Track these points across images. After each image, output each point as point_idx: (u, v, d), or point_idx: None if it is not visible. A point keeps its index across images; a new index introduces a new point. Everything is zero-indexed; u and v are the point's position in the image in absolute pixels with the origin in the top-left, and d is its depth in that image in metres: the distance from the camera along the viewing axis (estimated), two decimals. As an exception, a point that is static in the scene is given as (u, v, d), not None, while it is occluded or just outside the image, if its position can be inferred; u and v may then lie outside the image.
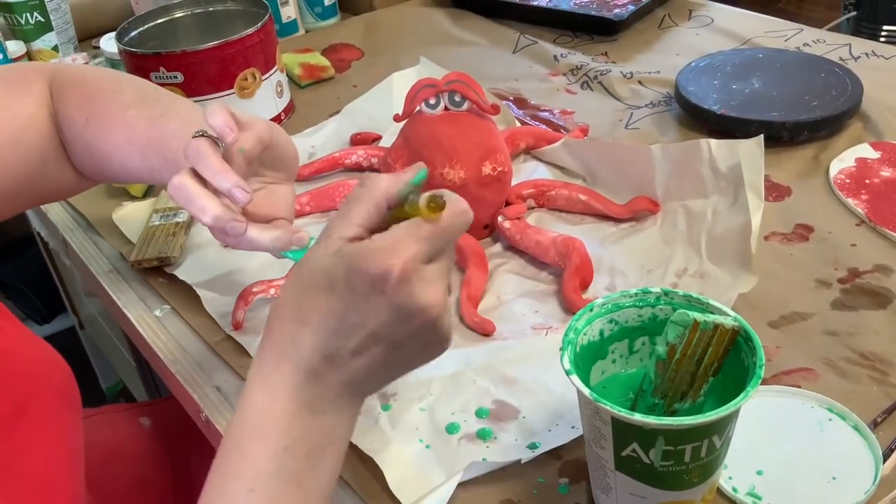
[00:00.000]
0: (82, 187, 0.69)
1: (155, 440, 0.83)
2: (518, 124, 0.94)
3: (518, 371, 0.62)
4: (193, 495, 0.80)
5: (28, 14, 1.22)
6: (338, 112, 1.01)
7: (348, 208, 0.42)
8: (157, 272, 0.78)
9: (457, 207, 0.42)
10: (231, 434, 0.44)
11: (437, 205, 0.40)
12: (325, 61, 1.15)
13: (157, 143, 0.60)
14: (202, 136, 0.53)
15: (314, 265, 0.42)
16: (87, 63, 1.17)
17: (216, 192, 0.52)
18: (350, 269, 0.40)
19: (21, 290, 1.78)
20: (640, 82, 1.04)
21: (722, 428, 0.45)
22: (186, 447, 0.82)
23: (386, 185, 0.42)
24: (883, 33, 1.94)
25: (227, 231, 0.52)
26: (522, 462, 0.56)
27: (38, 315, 1.79)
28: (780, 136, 0.86)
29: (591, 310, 0.50)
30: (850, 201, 0.77)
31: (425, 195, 0.41)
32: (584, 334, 0.50)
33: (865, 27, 1.96)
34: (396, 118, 0.77)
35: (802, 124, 0.85)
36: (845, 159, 0.83)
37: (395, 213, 0.42)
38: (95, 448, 0.74)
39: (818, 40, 1.09)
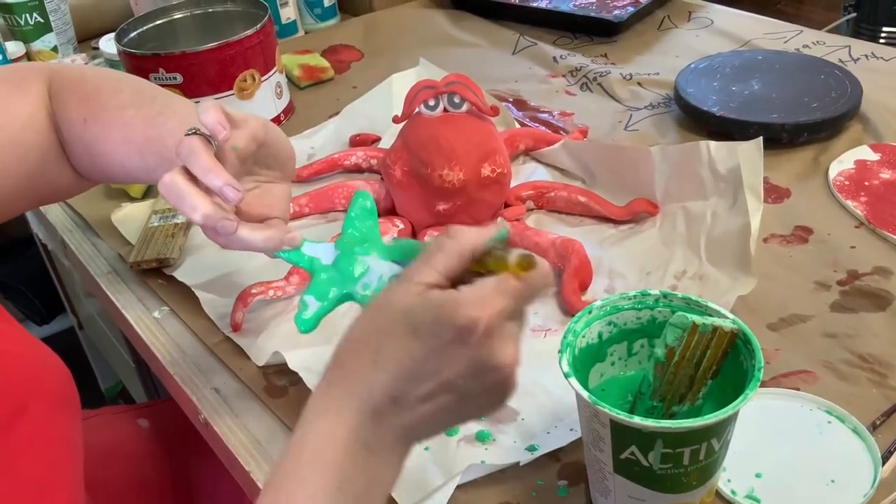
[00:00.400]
0: (81, 188, 0.68)
1: (154, 442, 0.83)
2: (517, 126, 0.94)
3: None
4: (192, 497, 0.81)
5: (27, 15, 1.22)
6: (337, 113, 1.01)
7: (432, 255, 0.42)
8: (155, 273, 0.78)
9: (543, 269, 0.42)
10: (291, 453, 0.43)
11: (529, 263, 0.41)
12: (324, 62, 1.15)
13: (155, 142, 0.60)
14: (195, 133, 0.53)
15: (397, 306, 0.41)
16: (86, 63, 1.17)
17: (208, 191, 0.52)
18: (437, 317, 0.40)
19: (20, 291, 1.78)
20: (639, 84, 1.04)
21: (721, 431, 0.45)
22: (185, 449, 0.82)
23: (473, 238, 0.42)
24: (882, 35, 1.94)
25: (218, 230, 0.52)
26: (521, 464, 0.56)
27: (38, 316, 1.79)
28: (779, 138, 0.86)
29: (590, 312, 0.50)
30: (850, 203, 0.77)
31: (516, 253, 0.41)
32: (583, 337, 0.50)
33: (865, 28, 1.96)
34: (396, 119, 0.77)
35: (802, 126, 0.85)
36: (845, 161, 0.83)
37: (473, 266, 0.42)
38: (94, 449, 0.73)
39: (818, 42, 1.09)
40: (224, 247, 0.55)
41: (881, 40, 1.93)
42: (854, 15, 1.98)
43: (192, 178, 0.52)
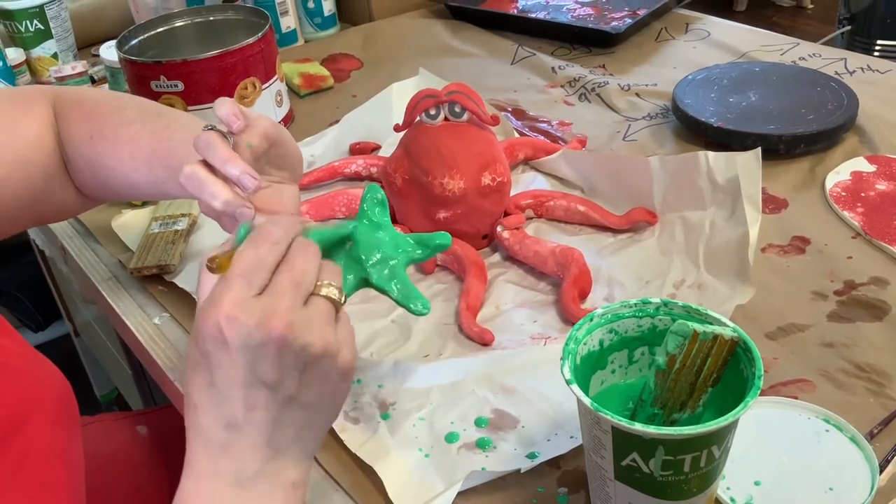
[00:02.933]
0: (83, 207, 0.70)
1: (152, 448, 0.83)
2: (517, 135, 0.95)
3: (517, 380, 0.63)
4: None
5: (28, 21, 1.22)
6: (337, 122, 1.01)
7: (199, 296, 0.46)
8: (156, 280, 0.78)
9: (264, 237, 0.44)
10: None
11: (217, 265, 0.43)
12: (324, 71, 1.15)
13: (163, 154, 0.61)
14: (211, 129, 0.54)
15: (188, 355, 0.44)
16: (86, 70, 1.17)
17: (226, 181, 0.53)
18: (195, 341, 0.43)
19: (16, 297, 1.78)
20: (637, 94, 1.05)
21: (722, 438, 0.45)
22: (183, 456, 0.82)
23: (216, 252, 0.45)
24: (877, 48, 1.96)
25: (237, 216, 0.53)
26: (521, 472, 0.56)
27: (33, 322, 1.78)
28: (776, 149, 0.86)
29: (591, 320, 0.51)
30: (846, 214, 0.78)
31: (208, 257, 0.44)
32: (584, 344, 0.50)
33: (859, 42, 1.98)
34: (397, 128, 0.78)
35: (799, 137, 0.86)
36: (841, 172, 0.84)
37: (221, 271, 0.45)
38: (92, 456, 0.73)
39: (814, 54, 1.10)
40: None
41: (875, 53, 1.95)
42: (849, 28, 2.00)
43: (211, 170, 0.53)
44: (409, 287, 0.54)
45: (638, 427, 0.43)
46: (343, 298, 0.46)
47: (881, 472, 0.53)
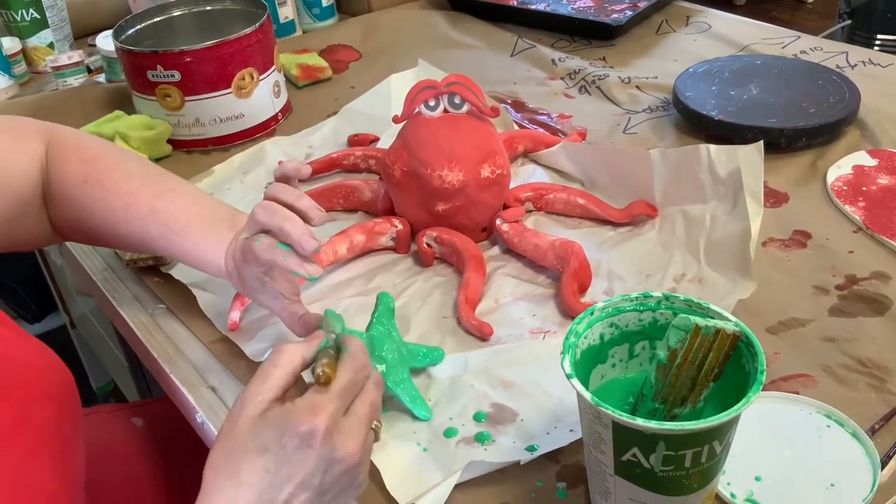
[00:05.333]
0: (52, 241, 0.72)
1: (148, 440, 0.82)
2: (516, 127, 0.94)
3: (516, 374, 0.62)
4: (186, 496, 0.80)
5: (24, 11, 1.21)
6: (335, 113, 1.01)
7: (268, 373, 0.47)
8: (152, 271, 0.77)
9: (356, 364, 0.48)
10: None
11: (326, 378, 0.47)
12: (322, 62, 1.15)
13: (162, 214, 0.64)
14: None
15: (244, 429, 0.46)
16: (82, 60, 1.16)
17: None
18: (280, 432, 0.46)
19: (12, 289, 1.77)
20: (638, 87, 1.04)
21: (723, 433, 0.45)
22: (179, 448, 0.82)
23: (301, 353, 0.49)
24: (877, 42, 1.95)
25: (302, 243, 0.55)
26: (521, 464, 0.55)
27: (29, 314, 1.77)
28: (777, 143, 0.86)
29: (592, 314, 0.50)
30: (848, 208, 0.77)
31: (316, 370, 0.47)
32: (585, 338, 0.50)
33: (859, 36, 1.97)
34: (396, 119, 0.77)
35: (800, 131, 0.85)
36: (843, 166, 0.84)
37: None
38: (88, 448, 0.73)
39: (815, 48, 1.10)
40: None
41: (875, 47, 1.94)
42: (849, 22, 1.99)
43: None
44: (415, 393, 0.60)
45: (639, 422, 0.43)
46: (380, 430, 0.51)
47: (883, 468, 0.53)
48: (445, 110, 0.74)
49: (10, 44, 1.20)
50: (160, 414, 0.86)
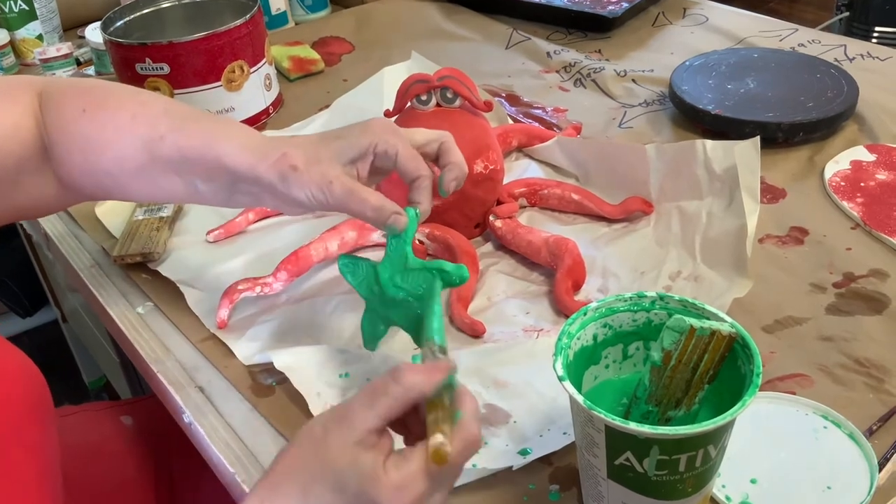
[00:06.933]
0: (64, 202, 0.66)
1: (137, 439, 0.81)
2: (510, 121, 0.93)
3: (509, 374, 0.61)
4: (174, 495, 0.79)
5: (12, 2, 1.20)
6: (327, 106, 0.99)
7: (376, 398, 0.43)
8: (140, 268, 0.76)
9: (468, 438, 0.43)
10: None
11: (442, 456, 0.41)
12: (314, 55, 1.13)
13: (178, 109, 0.60)
14: None
15: (333, 452, 0.43)
16: (71, 52, 1.15)
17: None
18: (362, 488, 0.42)
19: (4, 283, 1.76)
20: (633, 81, 1.03)
21: (718, 437, 0.44)
22: (168, 447, 0.81)
23: (420, 386, 0.43)
24: (875, 34, 1.94)
25: (392, 223, 0.56)
26: (513, 469, 0.54)
27: (21, 308, 1.76)
28: (774, 138, 0.85)
29: (585, 314, 0.49)
30: (846, 204, 0.76)
31: (434, 444, 0.41)
32: (578, 339, 0.49)
33: (857, 28, 1.96)
34: (387, 114, 0.76)
35: (798, 125, 0.84)
36: (840, 161, 0.82)
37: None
38: (76, 446, 0.72)
39: (813, 41, 1.08)
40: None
41: (874, 40, 1.93)
42: (846, 14, 1.98)
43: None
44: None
45: (632, 426, 0.42)
46: None
47: (880, 470, 0.52)
48: (438, 104, 0.73)
49: (-1, 36, 1.18)
50: (150, 412, 0.85)
